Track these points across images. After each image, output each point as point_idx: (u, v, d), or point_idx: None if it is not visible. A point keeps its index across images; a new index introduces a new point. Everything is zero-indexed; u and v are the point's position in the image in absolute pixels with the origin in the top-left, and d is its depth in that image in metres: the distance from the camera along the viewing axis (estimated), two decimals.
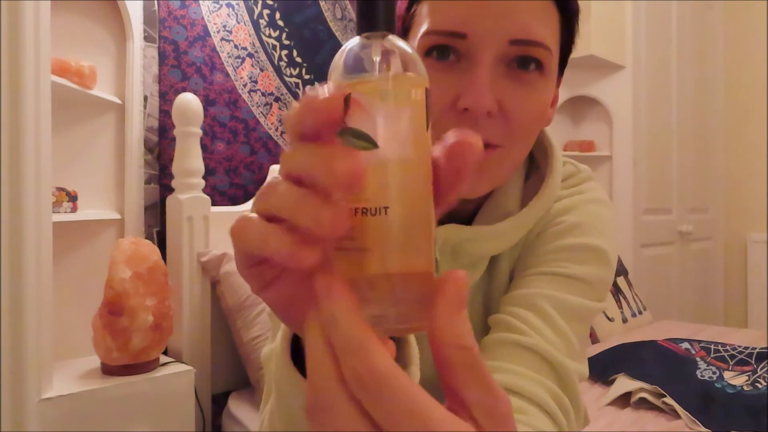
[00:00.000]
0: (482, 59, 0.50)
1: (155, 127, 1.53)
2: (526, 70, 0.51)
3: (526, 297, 0.55)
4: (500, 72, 0.51)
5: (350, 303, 0.24)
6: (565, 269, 0.57)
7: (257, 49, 1.75)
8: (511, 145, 0.52)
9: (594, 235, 0.58)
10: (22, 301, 1.03)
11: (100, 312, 1.22)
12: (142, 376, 1.23)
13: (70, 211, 1.30)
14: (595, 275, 0.57)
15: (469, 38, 0.50)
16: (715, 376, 1.54)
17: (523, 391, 0.49)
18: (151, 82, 1.52)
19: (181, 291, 1.44)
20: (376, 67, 0.28)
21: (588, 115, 2.93)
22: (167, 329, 1.27)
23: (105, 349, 1.21)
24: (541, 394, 0.50)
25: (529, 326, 0.53)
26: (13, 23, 1.03)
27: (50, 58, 1.13)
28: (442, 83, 0.50)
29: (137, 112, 1.47)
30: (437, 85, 0.44)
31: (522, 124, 0.51)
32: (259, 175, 1.74)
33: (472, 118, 0.50)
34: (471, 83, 0.49)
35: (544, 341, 0.52)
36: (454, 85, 0.50)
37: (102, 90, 1.43)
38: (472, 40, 0.50)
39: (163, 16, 1.55)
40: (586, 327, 0.57)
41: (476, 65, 0.50)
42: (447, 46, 0.51)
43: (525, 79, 0.51)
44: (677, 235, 3.09)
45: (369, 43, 0.28)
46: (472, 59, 0.50)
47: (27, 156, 1.05)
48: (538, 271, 0.57)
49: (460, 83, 0.50)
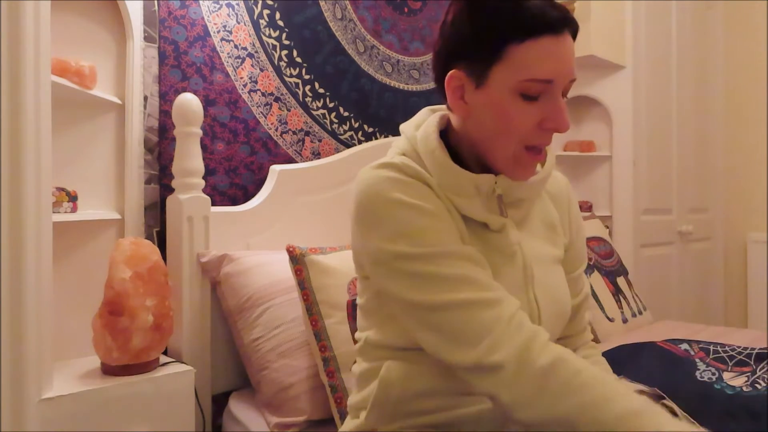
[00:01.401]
0: (558, 94, 0.75)
1: (155, 127, 1.53)
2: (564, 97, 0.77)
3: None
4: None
5: None
6: (585, 260, 1.00)
7: (257, 49, 1.75)
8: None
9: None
10: (22, 301, 1.04)
11: (100, 312, 1.22)
12: (142, 376, 1.23)
13: (70, 211, 1.30)
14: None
15: (554, 83, 0.74)
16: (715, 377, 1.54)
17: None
18: (151, 82, 1.52)
19: (181, 291, 1.44)
20: None
21: (588, 115, 2.93)
22: (167, 329, 1.28)
23: (105, 349, 1.21)
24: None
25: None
26: (13, 23, 1.03)
27: (50, 58, 1.13)
28: (531, 113, 0.75)
29: (137, 112, 1.47)
30: (528, 115, 0.75)
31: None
32: (259, 175, 1.74)
33: (550, 135, 0.77)
34: (556, 111, 0.74)
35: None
36: (540, 113, 0.75)
37: (102, 90, 1.43)
38: (556, 84, 0.74)
39: (163, 16, 1.54)
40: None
41: (556, 99, 0.75)
42: (537, 91, 0.74)
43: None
44: (677, 235, 3.09)
45: None
46: (553, 94, 0.75)
47: (27, 156, 1.05)
48: (580, 264, 0.97)
49: (544, 111, 0.74)
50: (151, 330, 1.23)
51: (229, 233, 1.57)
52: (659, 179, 2.95)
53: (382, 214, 0.75)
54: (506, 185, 0.81)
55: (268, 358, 1.35)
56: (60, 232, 1.32)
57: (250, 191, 1.72)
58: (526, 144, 0.76)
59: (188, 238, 1.46)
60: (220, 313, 1.51)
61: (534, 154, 0.78)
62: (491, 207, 0.81)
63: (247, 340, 1.40)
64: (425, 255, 0.72)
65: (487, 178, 0.79)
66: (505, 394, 0.67)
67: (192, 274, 1.46)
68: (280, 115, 1.81)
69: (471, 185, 0.79)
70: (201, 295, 1.48)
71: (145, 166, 1.50)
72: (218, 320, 1.52)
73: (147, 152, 1.51)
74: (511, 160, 0.78)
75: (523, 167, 0.78)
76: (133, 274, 1.22)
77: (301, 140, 1.86)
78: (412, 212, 0.74)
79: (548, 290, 0.84)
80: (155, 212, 1.53)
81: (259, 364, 1.36)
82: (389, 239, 0.73)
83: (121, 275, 1.21)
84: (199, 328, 1.47)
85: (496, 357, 0.67)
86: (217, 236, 1.53)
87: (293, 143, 1.84)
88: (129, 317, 1.19)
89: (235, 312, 1.44)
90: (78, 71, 1.31)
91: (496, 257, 0.80)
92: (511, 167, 0.78)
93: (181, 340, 1.44)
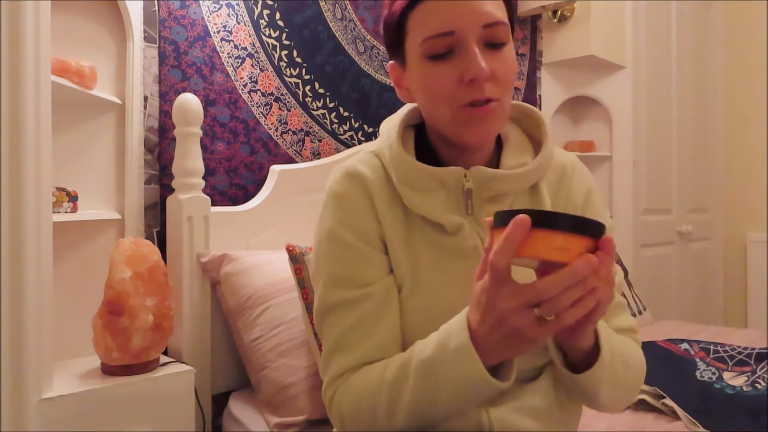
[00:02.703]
0: (470, 43, 0.69)
1: (155, 127, 1.53)
2: (498, 45, 0.71)
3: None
4: (483, 50, 0.70)
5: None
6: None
7: (257, 50, 1.75)
8: (503, 97, 0.72)
9: (608, 217, 0.84)
10: (22, 301, 1.03)
11: (100, 312, 1.22)
12: (142, 376, 1.23)
13: (70, 211, 1.30)
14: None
15: (456, 33, 0.69)
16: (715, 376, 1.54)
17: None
18: (151, 82, 1.52)
19: (181, 291, 1.44)
20: None
21: (588, 115, 2.93)
22: (167, 329, 1.28)
23: (105, 349, 1.21)
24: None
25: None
26: (13, 23, 1.03)
27: (50, 58, 1.13)
28: (446, 72, 0.71)
29: (137, 112, 1.47)
30: (444, 75, 0.71)
31: (506, 81, 0.72)
32: (259, 175, 1.74)
33: (478, 85, 0.69)
34: (469, 61, 0.69)
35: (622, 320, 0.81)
36: (456, 69, 0.70)
37: (102, 90, 1.43)
38: (459, 33, 0.69)
39: (163, 16, 1.55)
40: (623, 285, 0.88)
41: (467, 48, 0.69)
42: (443, 48, 0.71)
43: (499, 51, 0.71)
44: (677, 235, 3.09)
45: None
46: (463, 47, 0.70)
47: (27, 156, 1.04)
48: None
49: (461, 65, 0.70)
50: (151, 330, 1.23)
51: (229, 233, 1.57)
52: (659, 179, 2.95)
53: (317, 249, 0.80)
54: (481, 179, 0.74)
55: (267, 358, 1.35)
56: (60, 232, 1.32)
57: (250, 191, 1.72)
58: (459, 104, 0.71)
59: (188, 238, 1.46)
60: (220, 313, 1.51)
61: (475, 109, 0.71)
62: (457, 203, 0.76)
63: (247, 339, 1.40)
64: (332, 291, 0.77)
65: (453, 171, 0.74)
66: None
67: (192, 274, 1.46)
68: (280, 115, 1.81)
69: (430, 179, 0.75)
70: (201, 295, 1.48)
71: (145, 166, 1.50)
72: (218, 320, 1.52)
73: (147, 152, 1.51)
74: (453, 124, 0.73)
75: (466, 126, 0.72)
76: (133, 274, 1.22)
77: (301, 140, 1.86)
78: (339, 249, 0.76)
79: None
80: (155, 212, 1.53)
81: (258, 363, 1.36)
82: (321, 279, 0.79)
83: (121, 275, 1.21)
84: (199, 328, 1.47)
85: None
86: (217, 236, 1.53)
87: (293, 143, 1.84)
88: (129, 317, 1.19)
89: (235, 312, 1.44)
90: (78, 71, 1.31)
91: (448, 261, 0.75)
92: (457, 131, 0.73)
93: (181, 340, 1.44)
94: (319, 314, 0.77)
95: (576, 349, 0.65)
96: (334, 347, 0.75)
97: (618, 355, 0.69)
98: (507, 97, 0.73)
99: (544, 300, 0.53)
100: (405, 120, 0.82)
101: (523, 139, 0.83)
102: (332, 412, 0.75)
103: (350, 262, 0.76)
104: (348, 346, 0.74)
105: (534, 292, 0.53)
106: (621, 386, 0.72)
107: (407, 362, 0.67)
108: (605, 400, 0.72)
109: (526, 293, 0.54)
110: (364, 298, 0.74)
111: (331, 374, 0.75)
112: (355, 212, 0.77)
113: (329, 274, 0.76)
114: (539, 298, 0.53)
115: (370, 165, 0.80)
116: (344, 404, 0.73)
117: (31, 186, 1.05)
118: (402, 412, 0.67)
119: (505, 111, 0.74)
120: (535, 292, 0.53)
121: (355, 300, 0.75)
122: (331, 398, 0.75)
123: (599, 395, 0.70)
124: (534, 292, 0.53)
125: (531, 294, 0.54)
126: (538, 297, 0.53)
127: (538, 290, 0.53)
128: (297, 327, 1.37)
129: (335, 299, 0.75)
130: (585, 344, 0.64)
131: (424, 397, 0.65)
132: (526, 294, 0.54)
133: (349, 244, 0.76)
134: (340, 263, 0.76)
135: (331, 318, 0.75)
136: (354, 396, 0.72)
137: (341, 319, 0.75)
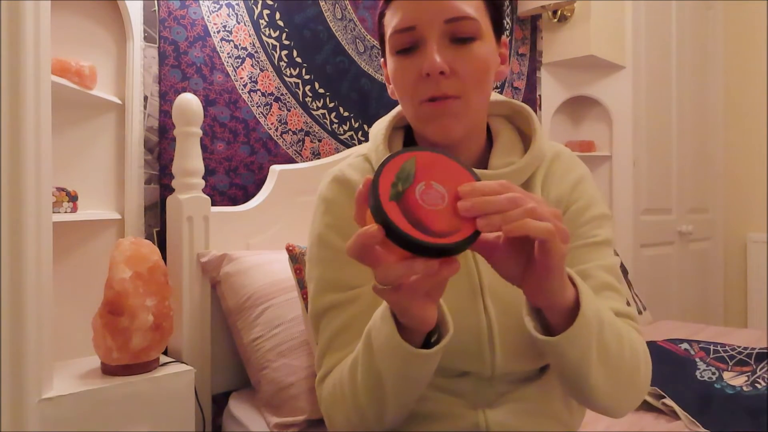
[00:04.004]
0: (429, 38, 0.70)
1: (155, 127, 1.53)
2: (464, 40, 0.71)
3: (586, 271, 0.74)
4: (447, 45, 0.70)
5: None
6: (597, 237, 0.77)
7: (257, 49, 1.75)
8: (468, 95, 0.71)
9: (601, 204, 0.81)
10: (22, 301, 1.03)
11: (100, 312, 1.22)
12: (142, 376, 1.23)
13: (70, 211, 1.30)
14: (610, 233, 0.80)
15: (417, 27, 0.70)
16: (715, 376, 1.54)
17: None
18: (151, 82, 1.52)
19: (181, 291, 1.44)
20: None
21: (588, 115, 2.93)
22: (167, 329, 1.28)
23: (105, 349, 1.21)
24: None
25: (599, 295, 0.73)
26: (13, 23, 1.03)
27: (50, 58, 1.13)
28: (408, 66, 0.72)
29: (137, 112, 1.47)
30: (407, 70, 0.72)
31: (471, 78, 0.71)
32: (259, 175, 1.74)
33: (433, 80, 0.70)
34: (426, 55, 0.70)
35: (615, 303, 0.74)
36: (418, 64, 0.71)
37: (102, 90, 1.43)
38: (420, 28, 0.70)
39: (163, 16, 1.55)
40: (620, 275, 0.78)
41: (426, 44, 0.70)
42: (407, 43, 0.72)
43: (465, 47, 0.71)
44: (677, 235, 3.09)
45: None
46: (424, 42, 0.71)
47: (27, 156, 1.04)
48: (584, 243, 0.77)
49: (419, 60, 0.71)
50: (151, 330, 1.23)
51: (229, 233, 1.57)
52: (659, 179, 2.95)
53: (309, 253, 0.82)
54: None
55: (267, 358, 1.35)
56: (60, 232, 1.32)
57: (250, 191, 1.72)
58: (420, 99, 0.72)
59: (188, 238, 1.46)
60: (220, 313, 1.51)
61: (432, 105, 0.71)
62: None
63: (247, 339, 1.40)
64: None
65: None
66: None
67: (192, 274, 1.46)
68: (280, 115, 1.81)
69: None
70: (201, 295, 1.48)
71: (145, 166, 1.50)
72: (218, 320, 1.52)
73: (147, 152, 1.51)
74: (415, 120, 0.74)
75: (427, 122, 0.72)
76: (133, 274, 1.22)
77: (301, 140, 1.86)
78: (328, 253, 0.78)
79: (503, 299, 0.74)
80: (155, 212, 1.53)
81: (258, 363, 1.36)
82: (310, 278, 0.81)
83: (121, 275, 1.21)
84: (199, 328, 1.47)
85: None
86: (217, 236, 1.53)
87: (293, 143, 1.84)
88: (129, 317, 1.19)
89: (235, 312, 1.44)
90: (78, 71, 1.31)
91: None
92: (420, 127, 0.74)
93: (181, 340, 1.44)
94: (311, 318, 0.79)
95: (553, 309, 0.58)
96: (324, 349, 0.77)
97: (607, 324, 0.63)
98: (474, 95, 0.72)
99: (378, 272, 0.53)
100: (393, 122, 0.83)
101: (514, 137, 0.83)
102: (322, 411, 0.77)
103: (339, 265, 0.77)
104: (337, 348, 0.75)
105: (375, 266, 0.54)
106: (616, 366, 0.64)
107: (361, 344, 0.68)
108: (599, 383, 0.63)
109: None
110: (353, 301, 0.76)
111: (320, 375, 0.77)
112: (342, 217, 0.78)
113: (319, 278, 0.78)
114: (378, 272, 0.53)
115: (359, 169, 0.81)
116: (324, 399, 0.75)
117: (31, 186, 1.05)
118: (361, 392, 0.67)
119: (471, 109, 0.72)
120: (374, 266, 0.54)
121: (343, 302, 0.76)
122: (320, 397, 0.77)
123: (590, 374, 0.61)
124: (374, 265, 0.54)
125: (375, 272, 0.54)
126: (377, 272, 0.53)
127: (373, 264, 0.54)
128: (297, 327, 1.37)
129: (325, 303, 0.77)
130: (558, 300, 0.57)
131: (371, 370, 0.65)
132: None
133: (338, 248, 0.77)
134: (329, 267, 0.77)
135: (322, 321, 0.77)
136: (330, 388, 0.74)
137: (331, 321, 0.76)
